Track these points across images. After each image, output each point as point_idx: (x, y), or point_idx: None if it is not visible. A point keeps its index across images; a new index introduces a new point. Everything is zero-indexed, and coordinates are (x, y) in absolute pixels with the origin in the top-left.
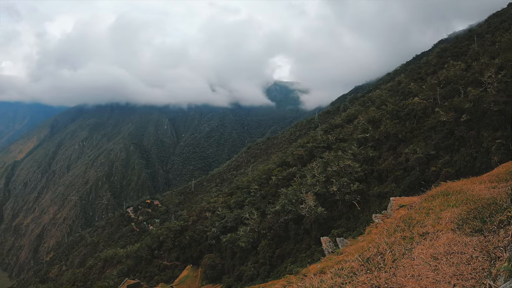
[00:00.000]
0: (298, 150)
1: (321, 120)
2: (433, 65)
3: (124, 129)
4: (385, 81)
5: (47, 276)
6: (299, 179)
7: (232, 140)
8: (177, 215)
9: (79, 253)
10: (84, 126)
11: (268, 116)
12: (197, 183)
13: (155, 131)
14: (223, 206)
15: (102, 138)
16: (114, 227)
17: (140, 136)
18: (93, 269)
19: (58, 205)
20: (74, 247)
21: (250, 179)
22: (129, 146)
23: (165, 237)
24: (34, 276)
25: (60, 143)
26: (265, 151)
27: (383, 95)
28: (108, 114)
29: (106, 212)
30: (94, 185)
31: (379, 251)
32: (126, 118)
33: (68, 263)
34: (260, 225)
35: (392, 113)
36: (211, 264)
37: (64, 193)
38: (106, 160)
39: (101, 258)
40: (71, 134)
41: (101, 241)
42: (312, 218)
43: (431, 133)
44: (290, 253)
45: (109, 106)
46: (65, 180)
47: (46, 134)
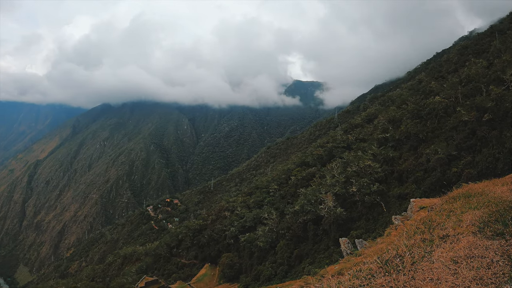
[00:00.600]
0: (318, 150)
1: (341, 119)
2: (454, 63)
3: (144, 129)
4: (405, 79)
5: (67, 271)
6: (318, 179)
7: (252, 140)
8: (196, 214)
9: (99, 249)
10: (105, 126)
11: (287, 116)
12: (216, 183)
13: (175, 131)
14: (242, 205)
15: (123, 138)
16: (134, 225)
17: (160, 136)
18: (112, 265)
19: (79, 203)
20: (94, 244)
21: (270, 179)
22: (149, 145)
23: (184, 236)
24: (54, 271)
25: (82, 143)
26: (285, 151)
27: (404, 94)
28: (129, 114)
29: (126, 210)
30: (114, 184)
31: (398, 254)
32: (146, 118)
33: (88, 259)
34: (278, 225)
35: (413, 113)
36: (229, 263)
37: (85, 191)
38: (126, 160)
39: (120, 255)
40: (93, 134)
41: (121, 239)
42: (331, 219)
43: (452, 133)
44: (308, 253)
45: (130, 107)
46: (87, 179)
47: (68, 134)
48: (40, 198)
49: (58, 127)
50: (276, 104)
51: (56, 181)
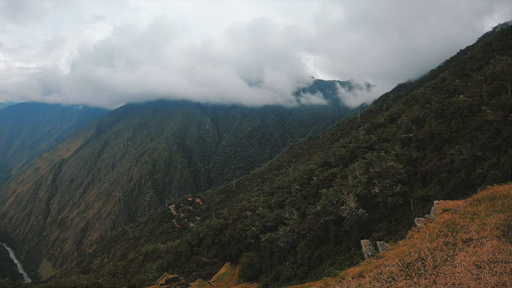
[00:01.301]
0: (340, 150)
1: (364, 119)
2: (478, 60)
3: (167, 129)
4: (429, 78)
5: (89, 267)
6: (340, 179)
7: (274, 140)
8: (218, 213)
9: (121, 246)
10: (129, 126)
11: (309, 116)
12: (238, 182)
13: (198, 131)
14: (263, 205)
15: (146, 138)
16: (156, 223)
17: (183, 136)
18: (134, 262)
19: (103, 201)
20: (116, 241)
21: (291, 179)
22: (172, 145)
23: (205, 234)
24: (77, 266)
25: (106, 143)
26: (307, 151)
27: (427, 93)
28: (152, 115)
29: (148, 208)
30: (137, 183)
31: (420, 257)
32: (169, 118)
33: (110, 255)
34: (300, 226)
35: (437, 112)
36: (249, 263)
37: (109, 190)
38: (149, 159)
39: (142, 252)
40: (116, 134)
41: (143, 236)
42: (353, 220)
43: (477, 133)
44: (329, 255)
45: (152, 108)
46: (110, 177)
47: (92, 134)
48: (64, 195)
49: (83, 127)
50: (298, 103)
51: (80, 180)
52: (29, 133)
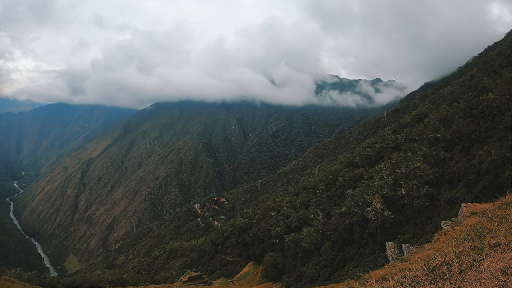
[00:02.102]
0: (366, 151)
1: (390, 119)
2: (507, 57)
3: (193, 129)
4: (456, 76)
5: (114, 262)
6: (366, 180)
7: (299, 140)
8: (243, 213)
9: (146, 243)
10: (155, 126)
11: (335, 116)
12: (263, 182)
13: (223, 130)
14: (288, 205)
15: (172, 138)
16: (181, 221)
17: (209, 136)
18: (158, 259)
19: (129, 199)
20: (141, 238)
21: (317, 179)
22: (197, 145)
23: (229, 234)
24: (102, 262)
25: (133, 142)
26: (332, 151)
27: (455, 91)
28: (178, 115)
29: (174, 207)
30: (163, 181)
31: (446, 261)
32: (195, 118)
33: (135, 252)
34: (324, 227)
35: (465, 111)
36: (273, 263)
37: (135, 188)
38: (175, 158)
39: (166, 249)
40: (143, 134)
41: (168, 234)
42: (378, 222)
43: (507, 132)
44: (353, 257)
45: (179, 108)
46: (137, 176)
47: (119, 133)
48: (92, 193)
49: (110, 127)
50: (324, 103)
51: (107, 178)
52: (58, 133)
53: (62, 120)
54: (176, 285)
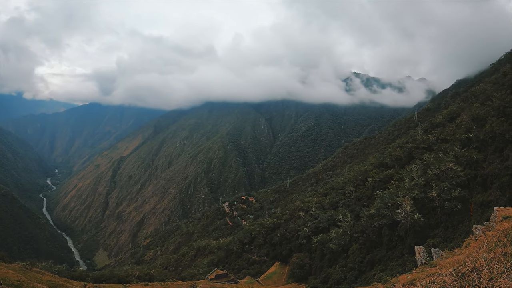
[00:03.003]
0: (396, 151)
1: (421, 118)
2: None
3: (222, 129)
4: (489, 73)
5: (143, 258)
6: (396, 182)
7: (329, 140)
8: (271, 213)
9: (174, 241)
10: (185, 126)
11: (365, 115)
12: (292, 182)
13: (252, 130)
14: (317, 206)
15: (202, 137)
16: (209, 220)
17: (238, 136)
18: (186, 256)
19: (159, 197)
20: (170, 235)
21: (346, 180)
22: (227, 144)
23: (257, 233)
24: (131, 257)
25: (163, 142)
26: (362, 151)
27: (488, 89)
28: (207, 115)
29: (202, 205)
30: (193, 180)
31: (476, 267)
32: (224, 118)
33: (163, 249)
34: (352, 228)
35: (498, 110)
36: (299, 263)
37: (165, 186)
38: (205, 158)
39: (194, 247)
40: (173, 134)
41: (196, 232)
42: (408, 225)
43: None
44: (380, 260)
45: (208, 108)
46: (166, 175)
47: (150, 133)
48: (122, 191)
49: (141, 127)
50: (353, 102)
51: (138, 176)
52: (90, 132)
53: (94, 121)
54: (202, 283)
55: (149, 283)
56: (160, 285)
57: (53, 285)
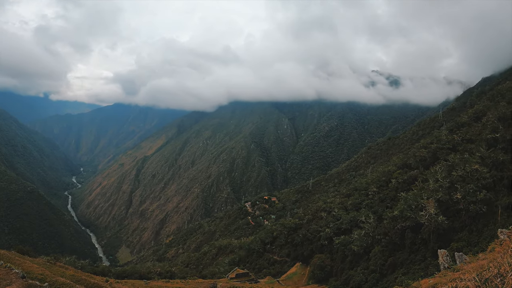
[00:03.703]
0: (421, 152)
1: (446, 118)
2: None
3: (245, 129)
4: None
5: (165, 256)
6: (420, 183)
7: (352, 140)
8: (293, 213)
9: (196, 239)
10: (208, 126)
11: (389, 115)
12: (315, 182)
13: (275, 130)
14: (339, 207)
15: (225, 137)
16: (231, 219)
17: (261, 136)
18: (207, 255)
19: (182, 196)
20: (192, 234)
21: (369, 180)
22: (249, 144)
23: (278, 233)
24: (153, 254)
25: (186, 141)
26: (386, 152)
27: None
28: (230, 115)
29: (225, 205)
30: (215, 180)
31: (500, 273)
32: (247, 118)
33: (185, 247)
34: (375, 230)
35: None
36: (320, 265)
37: (188, 185)
38: (228, 157)
39: (215, 246)
40: (196, 133)
41: (218, 231)
42: (431, 228)
43: None
44: (403, 263)
45: (231, 108)
46: (189, 174)
47: (173, 133)
48: (146, 189)
49: (164, 127)
50: (376, 102)
51: (161, 175)
52: (114, 132)
53: (119, 121)
54: (223, 281)
55: (170, 280)
56: (181, 283)
57: (76, 279)
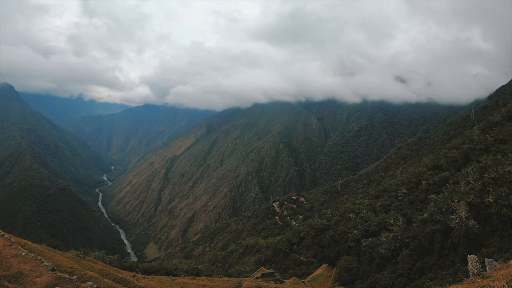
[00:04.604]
0: (452, 152)
1: (478, 117)
2: None
3: (273, 129)
4: None
5: (191, 253)
6: (451, 185)
7: (382, 140)
8: (321, 214)
9: (223, 238)
10: (237, 126)
11: (419, 114)
12: (343, 183)
13: (304, 130)
14: (368, 208)
15: (253, 137)
16: (259, 218)
17: (289, 135)
18: (234, 254)
19: (210, 194)
20: (219, 232)
21: (399, 182)
22: (278, 144)
23: (306, 234)
24: (180, 252)
25: (215, 141)
26: (416, 152)
27: None
28: (259, 115)
29: (253, 204)
30: (244, 179)
31: None
32: (276, 118)
33: (212, 245)
34: (404, 233)
35: None
36: (347, 267)
37: (216, 185)
38: (256, 157)
39: (242, 245)
40: (225, 133)
41: (245, 230)
42: (462, 232)
43: None
44: (431, 268)
45: (260, 108)
46: (218, 173)
47: (202, 133)
48: (175, 188)
49: (193, 127)
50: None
51: (190, 174)
52: (144, 132)
53: (148, 121)
54: (248, 280)
55: (196, 277)
56: (207, 280)
57: (104, 273)
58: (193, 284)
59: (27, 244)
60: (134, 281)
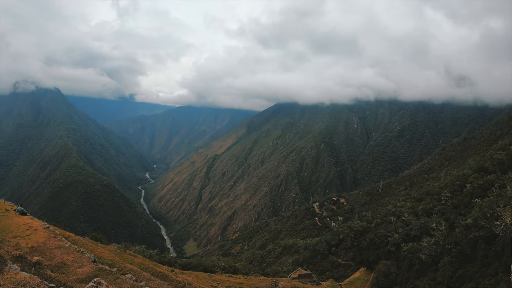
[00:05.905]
0: (499, 154)
1: None
2: None
3: (314, 129)
4: None
5: (230, 251)
6: (497, 189)
7: (425, 140)
8: (361, 216)
9: (262, 237)
10: (278, 126)
11: (464, 113)
12: (385, 185)
13: (345, 130)
14: (409, 211)
15: (294, 137)
16: (298, 219)
17: (330, 135)
18: (272, 253)
19: (250, 194)
20: (258, 231)
21: (442, 184)
22: (319, 144)
23: (345, 236)
24: (218, 249)
25: (256, 141)
26: (461, 154)
27: None
28: (299, 114)
29: (293, 204)
30: (284, 179)
31: None
32: (317, 118)
33: (250, 244)
34: (446, 239)
35: None
36: (385, 272)
37: (257, 184)
38: (297, 157)
39: (280, 245)
40: (266, 133)
41: (284, 230)
42: (506, 239)
43: None
44: (472, 276)
45: (300, 108)
46: (259, 173)
47: (243, 132)
48: (215, 186)
49: (234, 127)
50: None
51: (231, 173)
52: (186, 132)
53: (190, 121)
54: (284, 280)
55: (233, 275)
56: (243, 278)
57: (143, 267)
58: (230, 282)
59: (70, 236)
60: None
